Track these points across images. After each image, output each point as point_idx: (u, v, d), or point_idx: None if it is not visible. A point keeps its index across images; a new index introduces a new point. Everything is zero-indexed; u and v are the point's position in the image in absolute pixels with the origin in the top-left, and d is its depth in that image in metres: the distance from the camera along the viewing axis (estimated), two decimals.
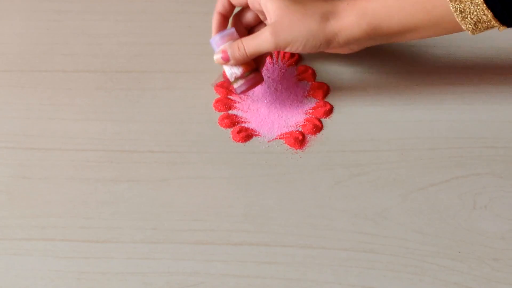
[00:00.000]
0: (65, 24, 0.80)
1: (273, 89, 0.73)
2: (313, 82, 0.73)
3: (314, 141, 0.69)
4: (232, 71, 0.68)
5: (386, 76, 0.73)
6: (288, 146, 0.68)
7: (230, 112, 0.71)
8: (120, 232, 0.62)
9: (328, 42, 0.64)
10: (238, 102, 0.72)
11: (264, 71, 0.74)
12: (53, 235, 0.62)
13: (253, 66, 0.68)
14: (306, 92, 0.73)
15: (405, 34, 0.64)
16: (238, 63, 0.67)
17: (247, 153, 0.68)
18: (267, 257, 0.61)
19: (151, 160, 0.67)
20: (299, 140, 0.68)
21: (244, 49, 0.66)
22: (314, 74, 0.74)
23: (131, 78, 0.74)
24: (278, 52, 0.76)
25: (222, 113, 0.71)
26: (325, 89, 0.72)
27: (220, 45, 0.67)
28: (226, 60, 0.67)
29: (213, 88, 0.72)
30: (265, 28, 0.65)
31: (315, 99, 0.72)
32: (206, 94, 0.73)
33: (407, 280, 0.59)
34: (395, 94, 0.72)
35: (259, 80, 0.69)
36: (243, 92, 0.69)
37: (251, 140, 0.69)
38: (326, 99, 0.72)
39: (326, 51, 0.68)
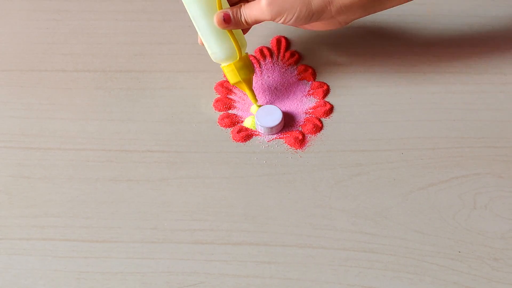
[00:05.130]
0: (64, 24, 0.79)
1: (273, 88, 0.73)
2: (313, 82, 0.73)
3: (314, 141, 0.69)
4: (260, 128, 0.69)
5: (387, 76, 0.73)
6: (288, 145, 0.68)
7: (230, 111, 0.71)
8: (120, 232, 0.62)
9: (321, 11, 0.64)
10: (238, 101, 0.72)
11: (264, 71, 0.74)
12: (52, 234, 0.62)
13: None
14: (306, 92, 0.72)
15: None
16: (237, 27, 0.67)
17: (247, 153, 0.68)
18: (267, 257, 0.60)
19: (151, 159, 0.67)
20: (299, 140, 0.68)
21: (245, 18, 0.66)
22: (314, 73, 0.74)
23: (130, 77, 0.74)
24: (278, 52, 0.76)
25: (222, 112, 0.71)
26: (325, 89, 0.72)
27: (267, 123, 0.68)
28: (228, 22, 0.67)
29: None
30: None
31: (315, 99, 0.72)
32: (206, 94, 0.72)
33: (407, 280, 0.59)
34: (395, 93, 0.72)
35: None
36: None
37: (251, 140, 0.69)
38: (326, 99, 0.72)
39: (315, 28, 0.69)
